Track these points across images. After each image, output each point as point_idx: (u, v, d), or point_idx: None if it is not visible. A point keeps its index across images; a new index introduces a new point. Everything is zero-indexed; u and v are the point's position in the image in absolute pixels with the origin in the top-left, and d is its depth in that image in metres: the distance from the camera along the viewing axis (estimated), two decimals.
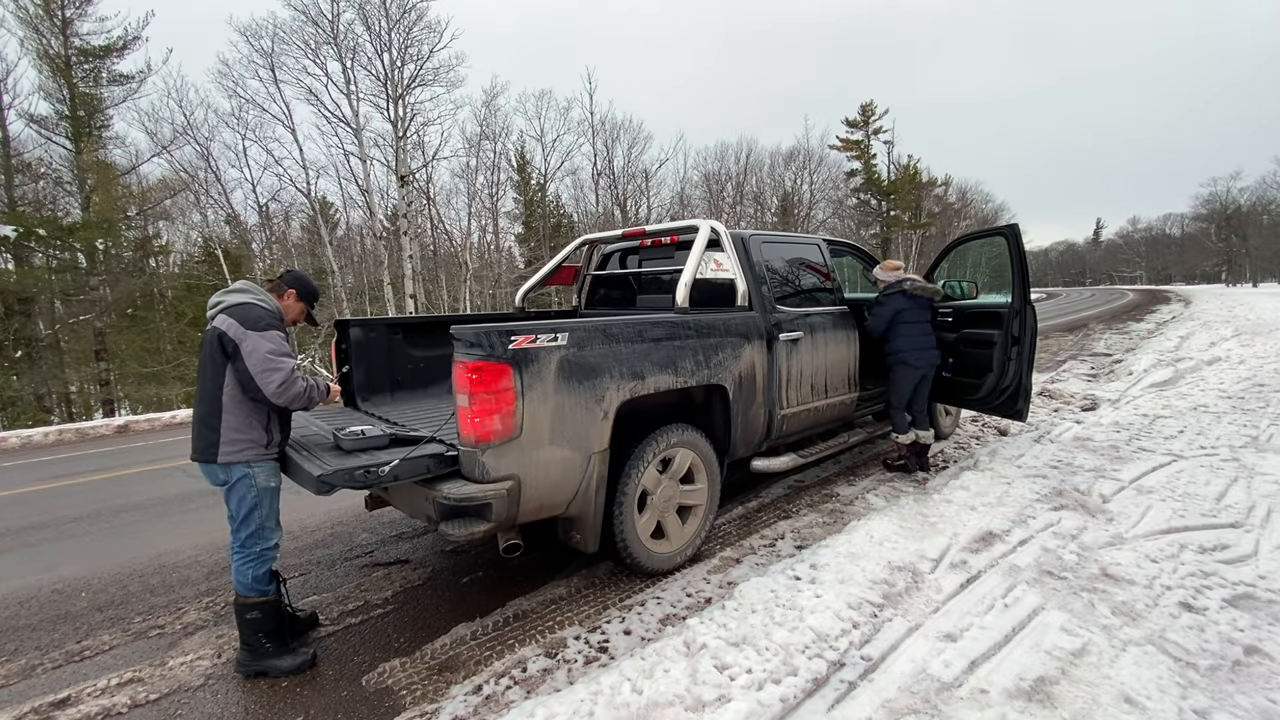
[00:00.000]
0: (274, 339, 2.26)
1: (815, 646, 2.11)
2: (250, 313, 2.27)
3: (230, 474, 2.27)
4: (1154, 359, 8.91)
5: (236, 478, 2.28)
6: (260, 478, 2.31)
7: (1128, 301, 29.22)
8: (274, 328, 2.29)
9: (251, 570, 2.33)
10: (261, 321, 2.26)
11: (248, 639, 2.37)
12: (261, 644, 2.36)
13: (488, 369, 2.24)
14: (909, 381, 4.16)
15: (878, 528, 3.03)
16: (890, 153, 34.95)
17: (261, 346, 2.21)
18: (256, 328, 2.23)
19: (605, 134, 26.92)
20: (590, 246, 4.71)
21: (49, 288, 15.62)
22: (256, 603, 2.34)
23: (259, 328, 2.24)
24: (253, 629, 2.35)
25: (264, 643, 2.36)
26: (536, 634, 2.56)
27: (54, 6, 14.63)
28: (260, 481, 2.31)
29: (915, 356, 4.12)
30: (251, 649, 2.37)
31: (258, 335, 2.22)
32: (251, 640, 2.36)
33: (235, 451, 2.25)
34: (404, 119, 18.63)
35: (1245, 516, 3.17)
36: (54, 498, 5.22)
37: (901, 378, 4.17)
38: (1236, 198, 51.39)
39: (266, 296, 2.40)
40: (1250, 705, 1.84)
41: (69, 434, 8.46)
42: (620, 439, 2.73)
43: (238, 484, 2.28)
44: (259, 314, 2.28)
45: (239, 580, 2.35)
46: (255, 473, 2.29)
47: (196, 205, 20.45)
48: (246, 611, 2.34)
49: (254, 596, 2.34)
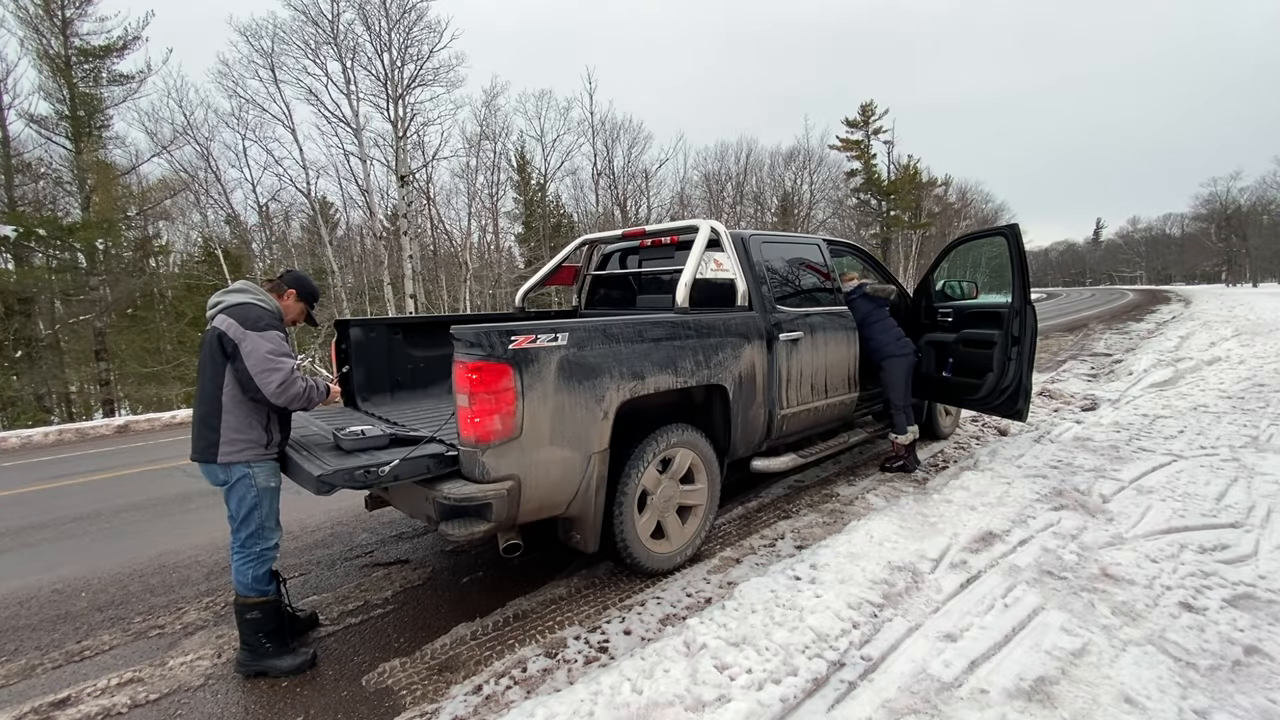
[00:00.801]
0: (274, 339, 2.25)
1: (815, 646, 2.11)
2: (250, 313, 2.26)
3: (230, 474, 2.27)
4: (1154, 359, 8.91)
5: (236, 478, 2.27)
6: (260, 478, 2.30)
7: (1128, 301, 29.22)
8: (273, 328, 2.29)
9: (251, 570, 2.33)
10: (261, 321, 2.26)
11: (248, 639, 2.37)
12: (261, 644, 2.36)
13: (488, 369, 2.24)
14: (903, 371, 4.22)
15: (878, 528, 3.03)
16: (890, 153, 35.01)
17: (261, 346, 2.21)
18: (256, 328, 2.23)
19: (605, 134, 26.94)
20: (590, 246, 4.71)
21: (49, 288, 15.62)
22: (256, 603, 2.34)
23: (258, 328, 2.23)
24: (253, 629, 2.35)
25: (264, 643, 2.36)
26: (536, 634, 2.56)
27: (54, 6, 14.64)
28: (260, 481, 2.30)
29: (899, 346, 4.23)
30: (251, 649, 2.37)
31: (257, 335, 2.21)
32: (251, 640, 2.36)
33: (235, 451, 2.24)
34: (404, 119, 18.63)
35: (1245, 516, 3.17)
36: (54, 498, 5.22)
37: (896, 370, 4.22)
38: (1236, 198, 51.45)
39: (266, 296, 2.40)
40: (1250, 705, 1.84)
41: (69, 434, 8.46)
42: (620, 439, 2.73)
43: (237, 484, 2.28)
44: (258, 314, 2.28)
45: (239, 580, 2.35)
46: (255, 473, 2.29)
47: (196, 205, 20.46)
48: (246, 611, 2.34)
49: (254, 596, 2.34)
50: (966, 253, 4.68)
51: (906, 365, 4.23)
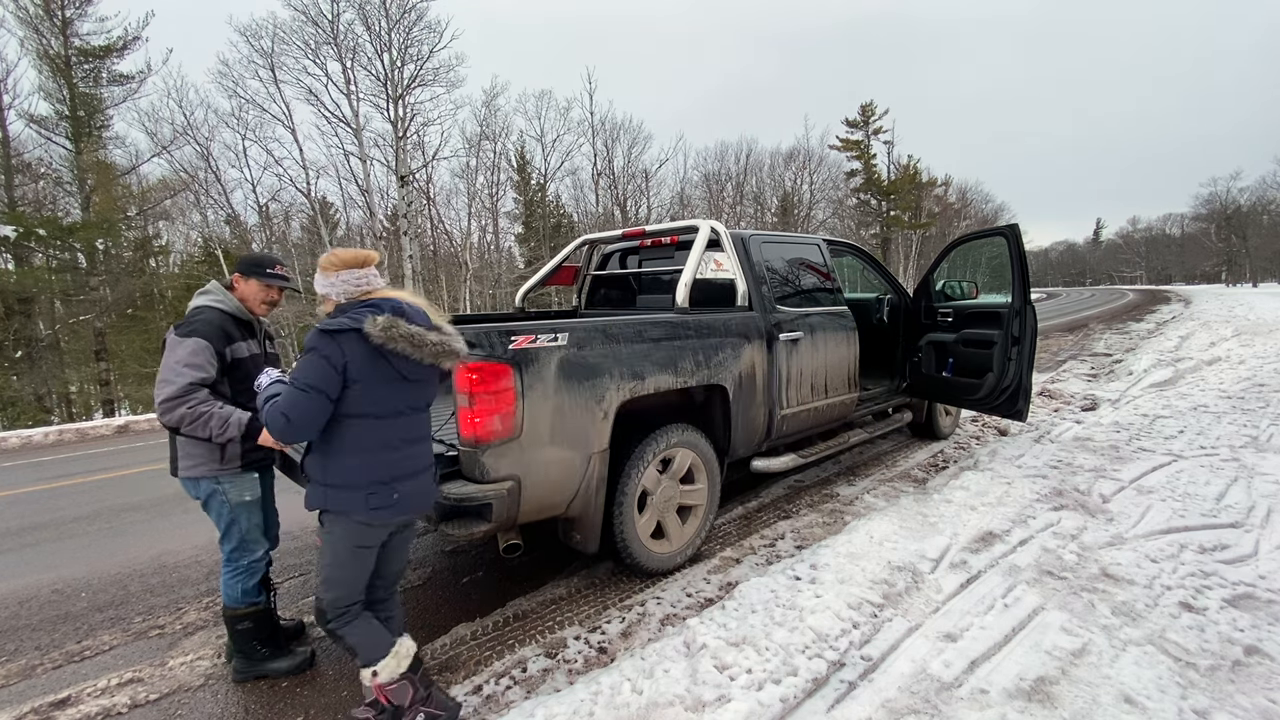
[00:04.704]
0: (190, 347, 2.03)
1: (815, 646, 2.11)
2: (190, 316, 2.12)
3: (199, 489, 2.18)
4: (1154, 359, 8.91)
5: (206, 494, 2.18)
6: (232, 493, 2.20)
7: (1128, 301, 29.21)
8: (198, 334, 2.06)
9: (241, 584, 2.27)
10: (187, 326, 2.08)
11: (242, 648, 2.32)
12: (256, 650, 2.33)
13: (488, 369, 2.23)
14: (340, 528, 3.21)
15: (878, 528, 3.03)
16: (890, 153, 35.00)
17: (173, 354, 2.02)
18: (180, 331, 2.06)
19: (605, 134, 26.99)
20: (590, 246, 4.71)
21: (49, 288, 15.62)
22: (247, 613, 2.28)
23: (181, 331, 2.06)
24: (246, 638, 2.31)
25: (259, 649, 2.33)
26: (536, 634, 2.56)
27: (54, 6, 14.65)
28: (232, 497, 2.20)
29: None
30: (247, 656, 2.33)
31: (176, 339, 2.05)
32: (246, 648, 2.32)
33: (192, 467, 2.14)
34: (404, 119, 18.64)
35: (1245, 516, 3.17)
36: (54, 498, 5.22)
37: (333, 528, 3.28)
38: (1236, 198, 51.47)
39: (224, 295, 2.23)
40: (1250, 705, 1.84)
41: (69, 434, 8.46)
42: (620, 439, 2.73)
43: (210, 500, 2.20)
44: (193, 317, 2.11)
45: (228, 594, 2.27)
46: (225, 488, 2.19)
47: (196, 205, 20.49)
48: (238, 622, 2.29)
49: (243, 608, 2.28)
50: (966, 253, 4.67)
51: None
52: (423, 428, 1.86)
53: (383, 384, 1.71)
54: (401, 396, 1.76)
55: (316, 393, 1.63)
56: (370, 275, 1.78)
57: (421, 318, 1.76)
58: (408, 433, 1.80)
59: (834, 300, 4.08)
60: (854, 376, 4.06)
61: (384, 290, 1.79)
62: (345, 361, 1.64)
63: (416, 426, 1.83)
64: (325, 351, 1.64)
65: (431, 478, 1.90)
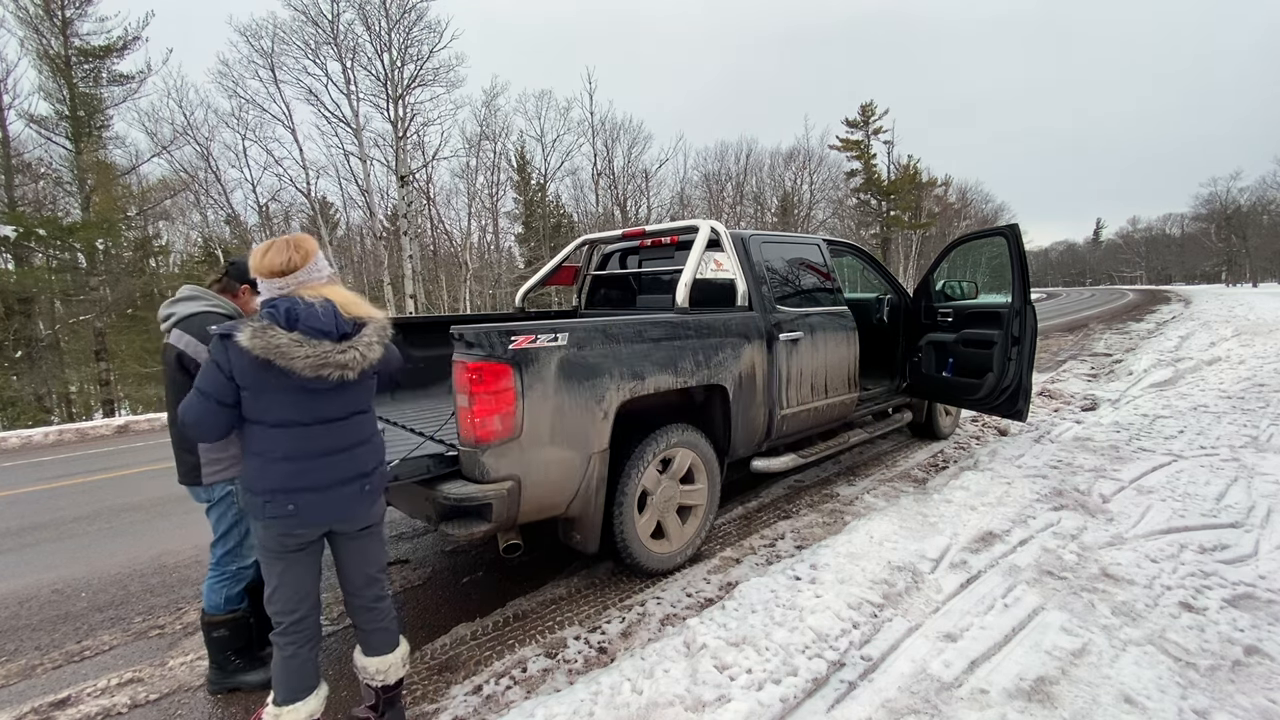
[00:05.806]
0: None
1: (815, 646, 2.11)
2: (208, 324, 2.07)
3: (213, 493, 2.18)
4: (1154, 359, 8.91)
5: (219, 495, 2.18)
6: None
7: (1128, 301, 29.21)
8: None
9: (225, 590, 2.23)
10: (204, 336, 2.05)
11: (216, 658, 2.28)
12: (230, 661, 2.28)
13: (488, 369, 2.23)
14: None
15: (878, 528, 3.03)
16: (890, 153, 35.00)
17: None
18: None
19: (605, 134, 26.99)
20: (590, 246, 4.71)
21: (49, 288, 15.61)
22: (224, 620, 2.24)
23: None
24: (220, 647, 2.26)
25: (232, 659, 2.28)
26: (536, 634, 2.56)
27: (54, 6, 14.63)
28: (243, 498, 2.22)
29: None
30: (220, 667, 2.28)
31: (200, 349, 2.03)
32: (219, 659, 2.27)
33: (218, 472, 2.12)
34: (404, 119, 18.65)
35: (1245, 516, 3.17)
36: (54, 498, 5.22)
37: None
38: (1236, 198, 51.49)
39: (220, 300, 2.20)
40: (1250, 705, 1.84)
41: (69, 434, 8.46)
42: (620, 439, 2.73)
43: (220, 501, 2.18)
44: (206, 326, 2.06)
45: (209, 599, 2.23)
46: (240, 489, 2.16)
47: (196, 205, 20.49)
48: (214, 630, 2.24)
49: (221, 615, 2.24)
50: (966, 253, 4.68)
51: None
52: (338, 439, 1.71)
53: (276, 392, 1.61)
54: (300, 406, 1.64)
55: (206, 396, 1.60)
56: (289, 284, 1.65)
57: (322, 321, 1.61)
58: (310, 445, 1.66)
59: (834, 300, 4.08)
60: (854, 376, 4.06)
61: (314, 285, 1.68)
62: (231, 368, 1.59)
63: (325, 438, 1.68)
64: (215, 356, 1.61)
65: (355, 492, 1.74)
